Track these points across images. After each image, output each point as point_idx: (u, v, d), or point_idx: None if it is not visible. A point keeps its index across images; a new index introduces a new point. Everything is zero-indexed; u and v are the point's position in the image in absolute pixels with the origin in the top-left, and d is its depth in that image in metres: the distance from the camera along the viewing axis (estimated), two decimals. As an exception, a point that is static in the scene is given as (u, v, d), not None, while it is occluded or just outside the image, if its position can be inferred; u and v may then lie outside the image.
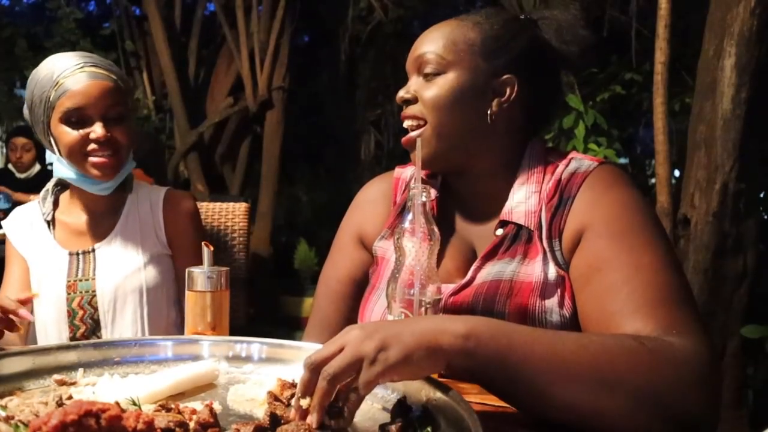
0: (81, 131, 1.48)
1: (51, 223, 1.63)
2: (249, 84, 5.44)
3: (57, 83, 1.47)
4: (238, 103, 5.58)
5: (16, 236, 1.62)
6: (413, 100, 1.10)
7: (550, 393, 0.75)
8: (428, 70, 1.08)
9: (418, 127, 1.09)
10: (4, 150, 4.75)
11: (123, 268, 1.57)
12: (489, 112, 1.08)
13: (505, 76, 1.08)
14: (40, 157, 4.57)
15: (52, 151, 1.56)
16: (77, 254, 1.59)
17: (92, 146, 1.48)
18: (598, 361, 0.76)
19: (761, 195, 2.82)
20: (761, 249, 2.65)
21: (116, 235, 1.60)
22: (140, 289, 1.56)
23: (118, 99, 1.51)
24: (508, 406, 0.80)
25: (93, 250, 1.59)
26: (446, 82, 1.07)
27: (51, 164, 5.40)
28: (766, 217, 3.04)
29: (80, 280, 1.56)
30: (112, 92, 1.49)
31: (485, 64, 1.08)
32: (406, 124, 1.11)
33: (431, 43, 1.09)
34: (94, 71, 1.49)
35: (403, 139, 1.11)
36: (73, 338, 1.53)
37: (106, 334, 1.55)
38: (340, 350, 0.72)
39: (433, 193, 1.16)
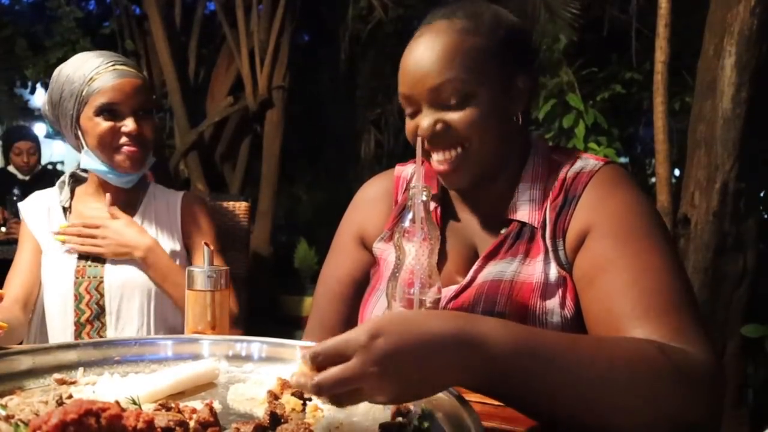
0: (114, 123, 1.55)
1: (68, 210, 1.69)
2: (249, 83, 5.43)
3: (91, 79, 1.54)
4: (238, 102, 5.57)
5: (32, 219, 1.67)
6: (445, 131, 1.01)
7: (570, 412, 0.73)
8: (457, 98, 1.00)
9: (457, 152, 1.02)
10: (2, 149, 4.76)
11: (132, 262, 1.61)
12: (517, 116, 1.06)
13: (519, 74, 1.06)
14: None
15: (76, 144, 1.63)
16: None
17: (123, 139, 1.56)
18: (624, 384, 0.74)
19: (761, 194, 2.83)
20: (761, 248, 2.65)
21: None
22: (147, 286, 1.60)
23: (147, 96, 1.60)
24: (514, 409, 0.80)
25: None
26: (478, 102, 1.00)
27: (50, 164, 5.40)
28: (766, 216, 3.04)
29: (89, 266, 1.60)
30: (142, 89, 1.58)
31: (502, 70, 1.03)
32: (446, 156, 1.03)
33: (446, 70, 0.99)
34: (125, 69, 1.57)
35: (444, 169, 1.03)
36: (77, 322, 1.57)
37: (111, 322, 1.58)
38: (356, 390, 0.65)
39: (432, 204, 1.15)
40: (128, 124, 1.55)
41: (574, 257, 1.01)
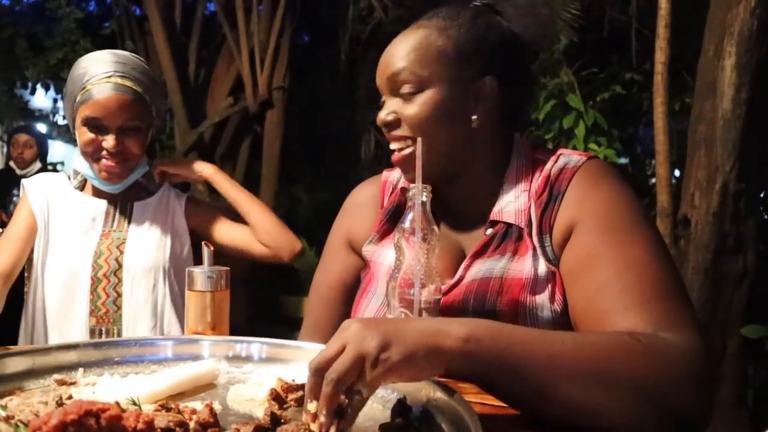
0: (96, 136, 1.56)
1: (82, 188, 1.72)
2: (249, 84, 5.44)
3: (84, 88, 1.55)
4: (238, 103, 5.58)
5: (36, 197, 1.66)
6: (396, 122, 1.06)
7: (549, 393, 0.75)
8: (406, 90, 1.04)
9: (408, 146, 1.06)
10: (5, 149, 4.78)
11: (153, 232, 1.66)
12: (474, 118, 1.05)
13: (482, 79, 1.05)
14: (41, 156, 4.60)
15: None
16: (116, 204, 1.68)
17: (103, 152, 1.57)
18: (596, 360, 0.76)
19: (761, 195, 2.83)
20: (761, 249, 2.65)
21: (150, 204, 1.71)
22: (164, 259, 1.65)
23: (137, 113, 1.57)
24: (508, 406, 0.80)
25: (132, 205, 1.69)
26: (428, 98, 1.03)
27: (50, 164, 5.39)
28: (766, 217, 3.04)
29: (114, 231, 1.65)
30: (132, 106, 1.55)
31: (462, 71, 1.04)
32: (395, 146, 1.08)
33: (402, 60, 1.04)
34: (119, 83, 1.54)
35: (395, 159, 1.09)
36: (94, 276, 1.59)
37: (127, 284, 1.60)
38: (342, 349, 0.71)
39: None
40: (108, 140, 1.54)
41: (561, 252, 1.01)
